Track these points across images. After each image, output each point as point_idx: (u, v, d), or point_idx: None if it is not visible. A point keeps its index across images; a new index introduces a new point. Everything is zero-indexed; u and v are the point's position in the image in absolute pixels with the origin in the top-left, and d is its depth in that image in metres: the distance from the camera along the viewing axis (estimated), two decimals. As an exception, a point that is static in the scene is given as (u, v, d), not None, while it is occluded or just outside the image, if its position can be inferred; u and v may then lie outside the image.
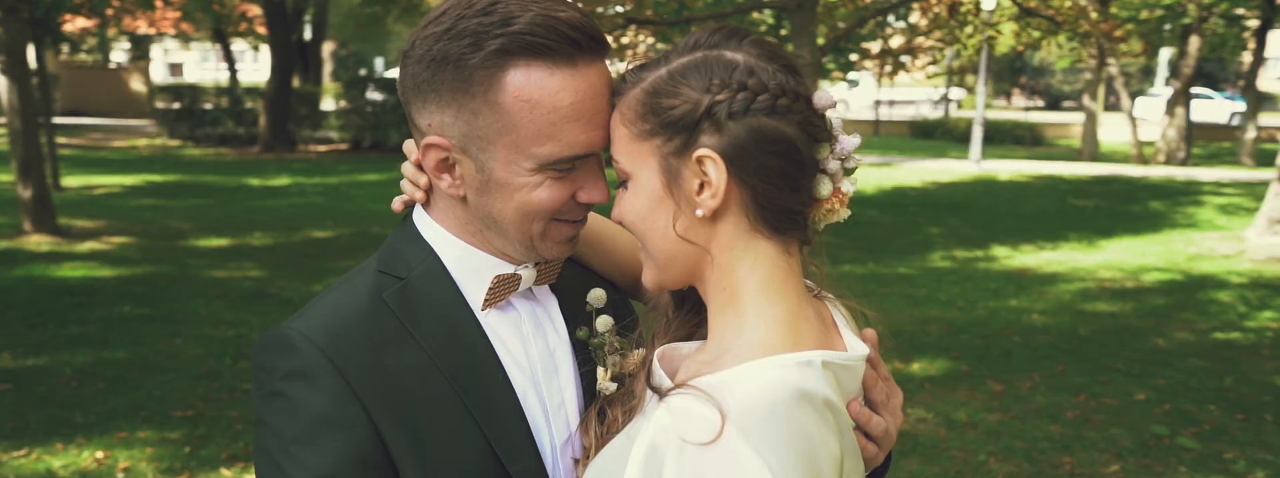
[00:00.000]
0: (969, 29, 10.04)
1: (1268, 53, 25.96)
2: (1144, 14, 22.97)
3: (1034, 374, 6.39)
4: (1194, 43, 22.69)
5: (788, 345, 1.06)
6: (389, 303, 1.20)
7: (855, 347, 1.15)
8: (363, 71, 37.47)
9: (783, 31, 17.47)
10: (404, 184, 1.31)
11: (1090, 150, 24.37)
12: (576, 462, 1.24)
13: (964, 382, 6.21)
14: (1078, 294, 8.86)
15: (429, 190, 1.27)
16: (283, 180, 16.75)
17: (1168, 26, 24.68)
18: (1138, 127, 24.93)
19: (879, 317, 1.24)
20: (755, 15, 16.82)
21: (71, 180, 15.31)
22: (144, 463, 4.70)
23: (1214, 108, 34.91)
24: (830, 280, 1.23)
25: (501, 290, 1.24)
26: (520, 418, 1.21)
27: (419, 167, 1.26)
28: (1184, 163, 23.24)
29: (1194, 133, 25.47)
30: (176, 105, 24.01)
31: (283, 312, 7.60)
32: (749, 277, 1.11)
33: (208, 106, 23.90)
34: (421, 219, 1.28)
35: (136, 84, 31.75)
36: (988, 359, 6.72)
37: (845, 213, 1.15)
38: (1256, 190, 16.54)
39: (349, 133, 22.52)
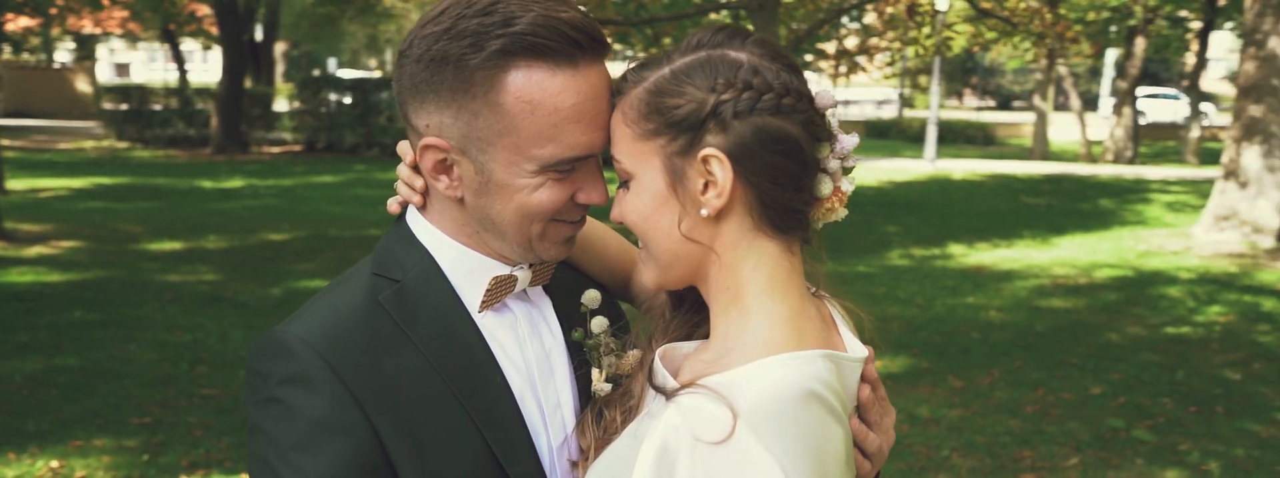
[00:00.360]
0: (925, 30, 10.17)
1: (1210, 54, 26.63)
2: (1091, 16, 23.43)
3: (993, 370, 6.49)
4: (1140, 44, 23.20)
5: (792, 344, 1.06)
6: (385, 306, 1.18)
7: (854, 347, 1.16)
8: (317, 72, 37.03)
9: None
10: (399, 186, 1.29)
11: (1041, 149, 24.82)
12: (574, 464, 1.23)
13: (925, 378, 6.29)
14: (1033, 291, 9.01)
15: (425, 192, 1.25)
16: (236, 182, 16.48)
17: (1114, 28, 25.21)
18: (1088, 126, 25.41)
19: (871, 317, 1.25)
20: (713, 16, 16.87)
21: (16, 183, 14.92)
22: (101, 472, 4.60)
23: (1180, 108, 35.75)
24: (827, 280, 1.23)
25: (498, 292, 1.24)
26: (519, 420, 1.20)
27: (414, 168, 1.25)
28: (1131, 161, 23.75)
29: (1141, 132, 26.05)
30: (124, 106, 23.53)
31: (239, 316, 7.49)
32: (753, 276, 1.11)
33: (157, 108, 23.44)
34: (415, 220, 1.27)
35: (82, 85, 31.06)
36: (947, 356, 6.81)
37: (843, 212, 1.16)
38: (1202, 188, 16.95)
39: (303, 134, 22.23)
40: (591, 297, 1.32)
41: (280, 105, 24.43)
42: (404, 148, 1.26)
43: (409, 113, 1.18)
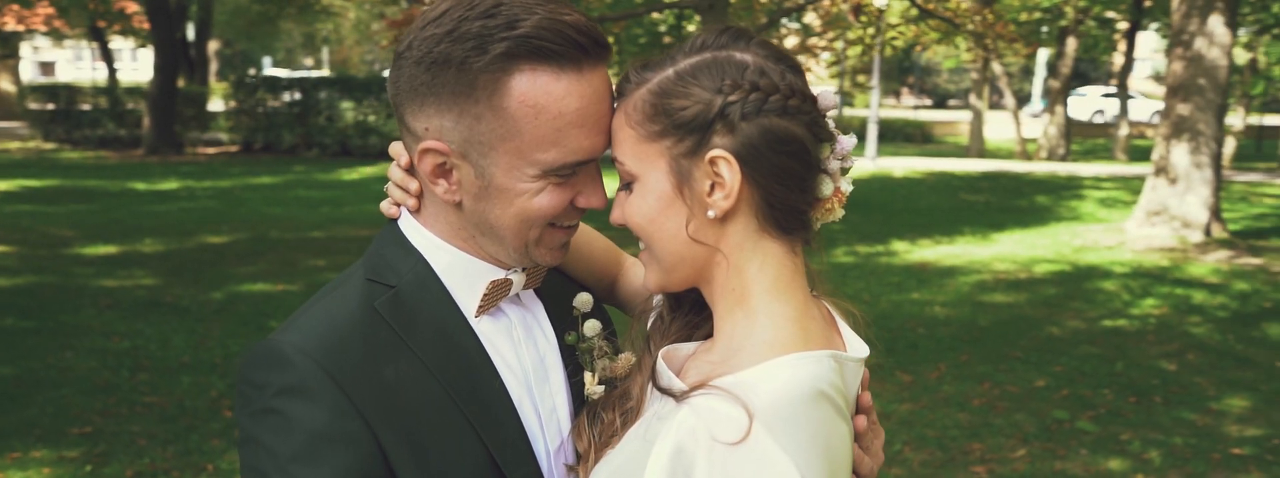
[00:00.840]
0: (871, 30, 10.30)
1: (1136, 54, 27.43)
2: (1023, 16, 23.99)
3: (940, 364, 6.60)
4: (1071, 44, 23.79)
5: (799, 344, 1.07)
6: (381, 312, 1.16)
7: (855, 345, 1.16)
8: (253, 71, 36.30)
9: (688, 28, 17.54)
10: (391, 189, 1.27)
11: (977, 147, 25.33)
12: (570, 468, 1.22)
13: (874, 373, 6.31)
14: (975, 286, 9.19)
15: (419, 195, 1.23)
16: (171, 184, 16.09)
17: (1045, 28, 25.84)
18: (1022, 124, 25.96)
19: (869, 317, 1.26)
20: (655, 16, 16.92)
21: (-62, 186, 14.40)
22: (41, 484, 4.45)
23: (1137, 106, 36.87)
24: (822, 280, 1.24)
25: (495, 296, 1.22)
26: (519, 426, 1.19)
27: (408, 170, 1.23)
28: (1064, 159, 24.36)
29: (1072, 130, 26.74)
30: (51, 106, 22.81)
31: (180, 321, 7.31)
32: (758, 277, 1.11)
33: (85, 107, 22.77)
34: (408, 224, 1.25)
35: (5, 83, 30.06)
36: (895, 351, 6.91)
37: (840, 212, 1.17)
38: (1132, 184, 17.46)
39: (240, 134, 21.78)
40: (583, 300, 1.31)
41: (215, 105, 23.90)
42: (397, 149, 1.24)
43: (406, 115, 1.15)
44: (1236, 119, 23.90)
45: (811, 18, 21.26)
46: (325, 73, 38.42)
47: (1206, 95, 11.26)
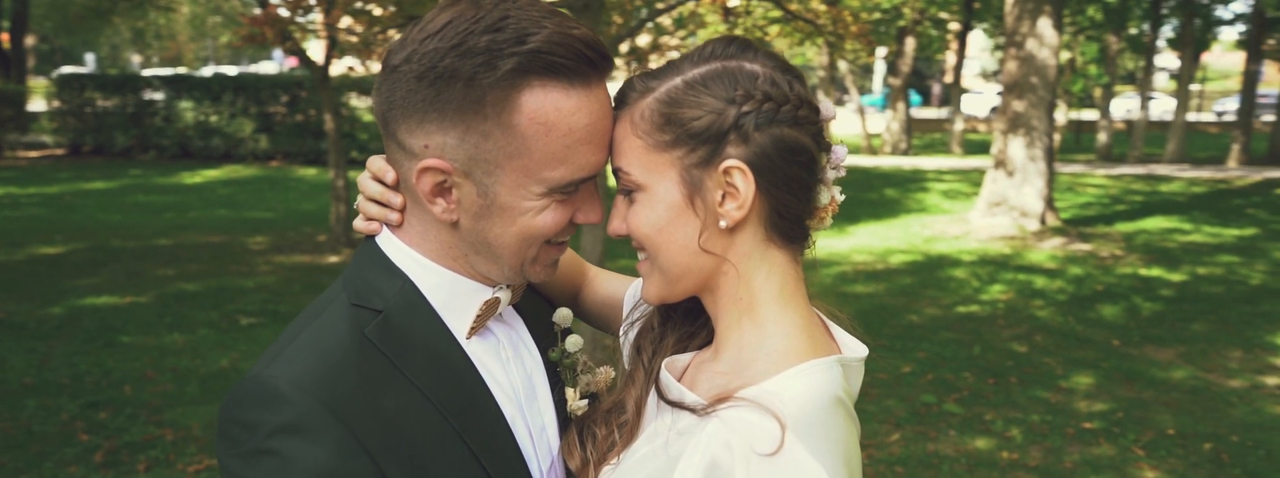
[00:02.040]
0: (738, 30, 10.49)
1: (968, 53, 29.04)
2: (863, 16, 24.98)
3: (813, 355, 6.81)
4: (910, 43, 24.96)
5: (810, 352, 1.08)
6: (372, 339, 1.10)
7: (851, 347, 1.19)
8: (83, 68, 33.96)
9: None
10: (366, 205, 1.20)
11: (826, 143, 26.25)
12: None
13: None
14: (837, 278, 9.53)
15: (402, 210, 1.18)
16: (-10, 191, 14.89)
17: (883, 28, 27.01)
18: (862, 120, 27.04)
19: (854, 319, 1.29)
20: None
21: None
22: (-127, 526, 4.05)
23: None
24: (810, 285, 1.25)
25: (487, 315, 1.19)
26: (515, 447, 1.16)
27: (390, 186, 1.17)
28: (906, 153, 25.54)
29: (911, 125, 28.06)
30: None
31: (16, 339, 6.78)
32: (766, 286, 1.12)
33: (-117, 108, 20.76)
34: (389, 243, 1.19)
35: None
36: (769, 344, 7.08)
37: (830, 222, 1.19)
38: (971, 176, 18.46)
39: (66, 136, 20.32)
40: (563, 315, 1.29)
41: (36, 105, 22.22)
42: (379, 164, 1.18)
43: (400, 131, 1.10)
44: (1059, 114, 25.65)
45: (664, 17, 21.49)
46: (197, 70, 36.00)
47: (1038, 92, 12.02)
